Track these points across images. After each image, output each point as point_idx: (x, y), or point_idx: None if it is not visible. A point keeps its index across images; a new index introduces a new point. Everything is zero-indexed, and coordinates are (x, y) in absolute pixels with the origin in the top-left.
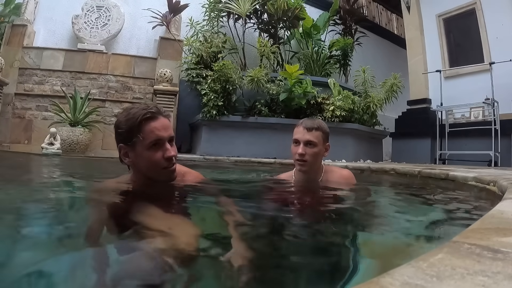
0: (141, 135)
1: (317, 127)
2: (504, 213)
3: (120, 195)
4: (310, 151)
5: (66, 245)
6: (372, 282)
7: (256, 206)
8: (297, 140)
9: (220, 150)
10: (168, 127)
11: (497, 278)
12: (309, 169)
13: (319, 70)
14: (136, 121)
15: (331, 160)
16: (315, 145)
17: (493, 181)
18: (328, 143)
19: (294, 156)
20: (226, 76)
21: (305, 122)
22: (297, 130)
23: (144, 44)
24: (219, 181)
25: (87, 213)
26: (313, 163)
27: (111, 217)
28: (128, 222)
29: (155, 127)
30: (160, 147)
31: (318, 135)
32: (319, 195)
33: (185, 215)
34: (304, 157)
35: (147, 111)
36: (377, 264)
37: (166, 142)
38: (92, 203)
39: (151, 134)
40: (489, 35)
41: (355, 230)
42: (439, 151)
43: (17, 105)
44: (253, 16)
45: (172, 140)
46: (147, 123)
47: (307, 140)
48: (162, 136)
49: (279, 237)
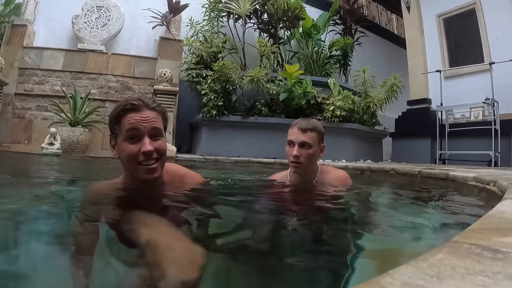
0: (119, 127)
1: (312, 128)
2: (504, 213)
3: (105, 199)
4: (305, 152)
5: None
6: (372, 282)
7: (251, 208)
8: (292, 142)
9: (220, 150)
10: (150, 120)
11: (497, 278)
12: (304, 170)
13: (319, 70)
14: (116, 111)
15: (331, 160)
16: (310, 147)
17: (493, 181)
18: (323, 143)
19: (288, 158)
20: (226, 76)
21: (299, 123)
22: (291, 131)
23: (144, 44)
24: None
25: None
26: (309, 165)
27: (91, 227)
28: (107, 231)
29: (133, 118)
30: (138, 141)
31: (313, 136)
32: (314, 197)
33: (175, 223)
34: (299, 159)
35: (128, 102)
36: (377, 264)
37: (145, 135)
38: (78, 211)
39: (127, 126)
40: (489, 35)
41: (354, 231)
42: (439, 151)
43: (17, 105)
44: (253, 16)
45: (156, 135)
46: (125, 114)
47: (302, 142)
48: (138, 128)
49: (278, 238)
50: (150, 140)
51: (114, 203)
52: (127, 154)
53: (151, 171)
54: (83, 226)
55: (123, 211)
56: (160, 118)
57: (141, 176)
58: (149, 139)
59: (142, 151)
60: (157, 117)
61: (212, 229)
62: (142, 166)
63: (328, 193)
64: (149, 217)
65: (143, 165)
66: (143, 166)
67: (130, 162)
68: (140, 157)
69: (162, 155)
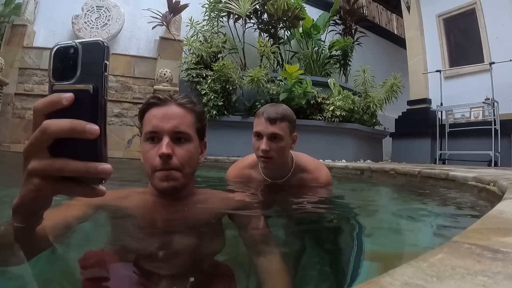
0: (142, 124)
1: (282, 117)
2: (504, 213)
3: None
4: (275, 146)
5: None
6: (372, 282)
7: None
8: (259, 133)
9: (220, 150)
10: (172, 117)
11: (497, 278)
12: (275, 166)
13: (319, 70)
14: (142, 106)
15: (331, 160)
16: (281, 139)
17: (493, 181)
18: (296, 133)
19: (256, 152)
20: (226, 76)
21: (267, 111)
22: (258, 122)
23: (144, 44)
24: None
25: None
26: (279, 159)
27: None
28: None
29: (153, 115)
30: (158, 142)
31: (284, 127)
32: (303, 198)
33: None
34: (268, 154)
35: (154, 96)
36: (377, 264)
37: (164, 135)
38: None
39: (146, 123)
40: (489, 35)
41: (353, 231)
42: (439, 151)
43: (17, 105)
44: (253, 16)
45: (180, 137)
46: (148, 110)
47: (271, 134)
48: (157, 125)
49: (276, 239)
50: (172, 143)
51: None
52: (143, 157)
53: (167, 177)
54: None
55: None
56: (191, 117)
57: (155, 183)
58: (171, 142)
59: (157, 154)
60: (186, 116)
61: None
62: (157, 173)
63: (313, 196)
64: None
65: (157, 171)
66: (158, 173)
67: (147, 167)
68: (156, 162)
69: (184, 165)
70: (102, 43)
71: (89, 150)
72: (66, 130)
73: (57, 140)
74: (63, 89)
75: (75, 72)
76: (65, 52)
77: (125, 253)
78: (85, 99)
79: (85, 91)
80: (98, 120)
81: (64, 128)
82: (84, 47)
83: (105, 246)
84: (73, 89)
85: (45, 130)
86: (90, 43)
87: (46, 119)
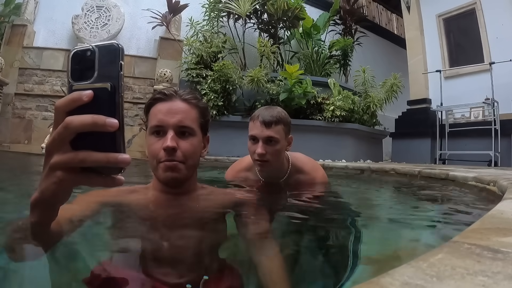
0: (148, 119)
1: (277, 120)
2: (504, 213)
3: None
4: (271, 149)
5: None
6: (372, 282)
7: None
8: (255, 137)
9: (220, 150)
10: (177, 112)
11: (497, 278)
12: (271, 169)
13: (319, 70)
14: (147, 102)
15: (331, 160)
16: (277, 142)
17: (493, 181)
18: (291, 135)
19: (252, 155)
20: (226, 76)
21: (262, 114)
22: (253, 125)
23: (144, 44)
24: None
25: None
26: (276, 162)
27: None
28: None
29: (159, 109)
30: (163, 136)
31: (279, 130)
32: (302, 198)
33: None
34: (264, 157)
35: (159, 91)
36: (377, 264)
37: (169, 129)
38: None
39: (152, 118)
40: (489, 35)
41: (353, 231)
42: (439, 151)
43: (17, 105)
44: (253, 16)
45: (184, 132)
46: (153, 105)
47: (266, 137)
48: (162, 120)
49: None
50: (176, 137)
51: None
52: (148, 150)
53: (170, 168)
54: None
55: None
56: (194, 113)
57: (159, 174)
58: (175, 135)
59: (162, 147)
60: (190, 111)
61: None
62: (162, 165)
63: (311, 196)
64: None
65: (162, 163)
66: (163, 165)
67: (152, 159)
68: (160, 154)
69: (188, 158)
70: (117, 45)
71: (108, 142)
72: (88, 124)
73: (78, 135)
74: (82, 88)
75: (93, 72)
76: (82, 54)
77: (132, 254)
78: (104, 96)
79: (103, 89)
80: (116, 115)
81: (86, 122)
82: (100, 49)
83: (112, 245)
84: (92, 88)
85: (68, 125)
86: (106, 46)
87: (67, 116)
